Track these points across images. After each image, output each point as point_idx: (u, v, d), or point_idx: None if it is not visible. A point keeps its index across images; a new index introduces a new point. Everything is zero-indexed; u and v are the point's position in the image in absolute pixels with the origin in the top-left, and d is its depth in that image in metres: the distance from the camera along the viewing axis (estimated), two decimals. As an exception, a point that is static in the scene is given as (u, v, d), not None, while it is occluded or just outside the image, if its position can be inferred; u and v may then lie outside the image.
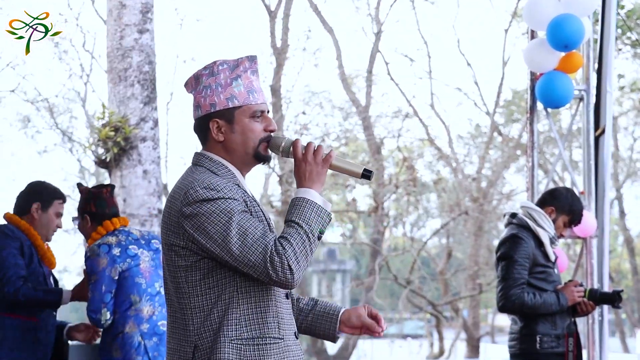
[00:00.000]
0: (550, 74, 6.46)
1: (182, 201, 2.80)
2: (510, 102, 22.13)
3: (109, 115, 6.99)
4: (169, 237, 2.85)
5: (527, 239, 5.16)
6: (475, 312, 21.29)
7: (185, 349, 2.82)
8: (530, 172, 6.79)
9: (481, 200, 18.67)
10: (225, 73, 2.91)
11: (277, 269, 2.70)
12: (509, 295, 5.08)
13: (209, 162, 2.90)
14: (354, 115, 19.60)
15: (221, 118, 2.89)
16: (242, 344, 2.77)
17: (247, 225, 2.75)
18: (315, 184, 2.83)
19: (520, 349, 5.19)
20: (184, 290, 2.83)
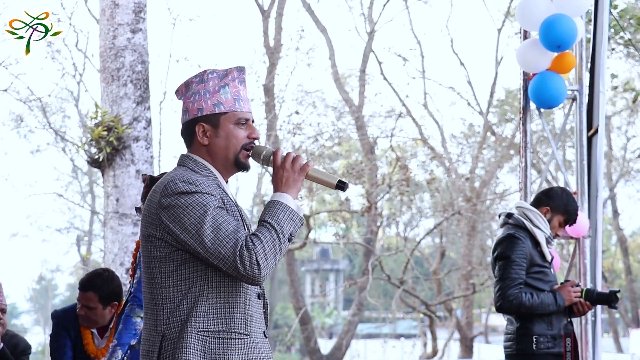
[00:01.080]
0: (543, 74, 6.46)
1: (162, 193, 2.92)
2: (504, 101, 22.16)
3: (101, 115, 6.98)
4: (147, 229, 2.96)
5: (524, 239, 5.15)
6: (469, 312, 21.29)
7: (154, 339, 2.93)
8: (523, 172, 6.79)
9: (474, 200, 18.68)
10: (214, 81, 3.05)
11: (245, 263, 2.81)
12: (506, 296, 5.07)
13: (193, 163, 3.03)
14: (347, 114, 19.61)
15: (207, 122, 3.02)
16: (208, 336, 2.88)
17: (221, 220, 2.86)
18: (290, 190, 2.96)
19: (516, 349, 5.18)
20: (156, 280, 2.95)
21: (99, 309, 5.01)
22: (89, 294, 5.00)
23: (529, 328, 5.15)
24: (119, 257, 6.87)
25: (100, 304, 5.00)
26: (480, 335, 26.11)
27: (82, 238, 26.80)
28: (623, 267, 30.36)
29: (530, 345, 5.14)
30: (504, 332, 5.38)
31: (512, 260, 5.09)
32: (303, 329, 19.20)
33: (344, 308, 37.21)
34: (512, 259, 5.09)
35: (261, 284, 2.91)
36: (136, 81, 7.06)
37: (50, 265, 28.06)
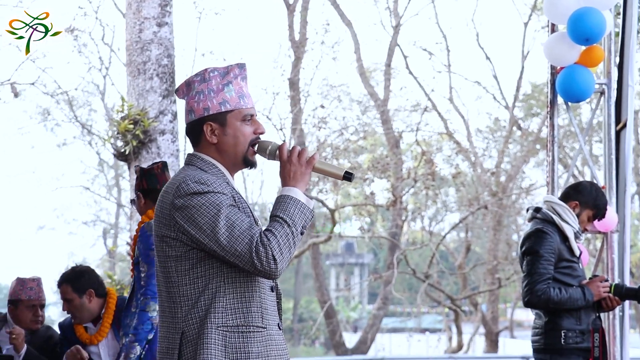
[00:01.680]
0: (571, 68, 6.41)
1: (174, 194, 2.96)
2: (530, 96, 22.04)
3: (127, 108, 7.00)
4: (160, 229, 3.00)
5: (552, 234, 5.12)
6: (494, 306, 21.22)
7: (173, 336, 2.97)
8: (550, 166, 6.74)
9: (500, 195, 18.60)
10: (217, 79, 3.08)
11: (262, 259, 2.86)
12: (535, 290, 5.04)
13: (201, 161, 3.07)
14: (372, 108, 19.56)
15: (214, 121, 3.06)
16: (228, 330, 2.93)
17: (235, 218, 2.91)
18: (299, 184, 3.00)
19: (544, 344, 5.14)
20: (173, 279, 2.98)
21: (76, 299, 5.21)
22: (62, 287, 5.25)
23: (558, 323, 5.12)
24: (144, 250, 6.88)
25: (75, 294, 5.21)
26: (505, 330, 26.01)
27: (108, 231, 26.94)
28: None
29: (558, 340, 5.11)
30: (531, 327, 5.35)
31: (541, 255, 5.05)
32: (328, 323, 19.20)
33: (368, 302, 37.20)
34: (540, 253, 5.06)
35: (277, 278, 2.95)
36: (162, 75, 7.07)
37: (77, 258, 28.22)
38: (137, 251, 4.82)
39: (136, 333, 4.65)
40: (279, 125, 16.44)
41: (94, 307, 5.26)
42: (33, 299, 5.46)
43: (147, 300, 4.67)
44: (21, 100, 19.54)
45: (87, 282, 5.26)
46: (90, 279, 5.29)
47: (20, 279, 5.54)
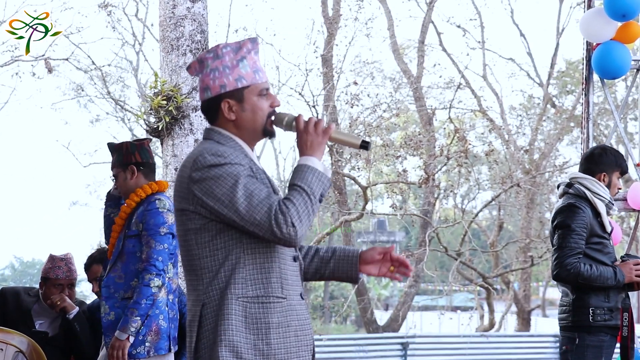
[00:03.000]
0: (607, 44, 6.34)
1: (192, 167, 2.99)
2: (564, 73, 21.86)
3: (161, 84, 7.01)
4: (180, 203, 3.04)
5: (585, 209, 5.07)
6: (526, 285, 21.15)
7: (195, 308, 3.01)
8: (584, 144, 6.69)
9: (533, 173, 18.49)
10: (230, 55, 3.09)
11: (281, 226, 2.89)
12: (564, 264, 5.00)
13: (218, 135, 3.10)
14: (405, 86, 19.48)
15: (232, 98, 3.08)
16: (248, 301, 2.96)
17: (253, 188, 2.93)
18: (315, 152, 3.03)
19: (572, 321, 5.10)
20: (193, 252, 3.02)
21: None
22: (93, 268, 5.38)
23: (586, 300, 5.07)
24: (177, 226, 6.92)
25: None
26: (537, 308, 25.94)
27: (141, 207, 27.07)
28: (685, 242, 29.87)
29: (587, 318, 5.07)
30: (558, 305, 5.31)
31: (572, 229, 5.01)
32: (359, 300, 19.23)
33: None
34: (572, 227, 5.01)
35: (298, 245, 2.97)
36: (195, 51, 7.07)
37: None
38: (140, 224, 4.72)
39: (137, 307, 4.60)
40: (311, 102, 16.41)
41: None
42: (60, 278, 5.51)
43: (151, 276, 4.62)
44: (55, 76, 19.70)
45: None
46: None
47: (52, 256, 5.59)
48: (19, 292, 5.62)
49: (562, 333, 5.20)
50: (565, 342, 5.13)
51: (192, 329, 3.01)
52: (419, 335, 16.05)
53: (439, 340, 16.30)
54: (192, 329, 3.01)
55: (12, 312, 5.48)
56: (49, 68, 14.41)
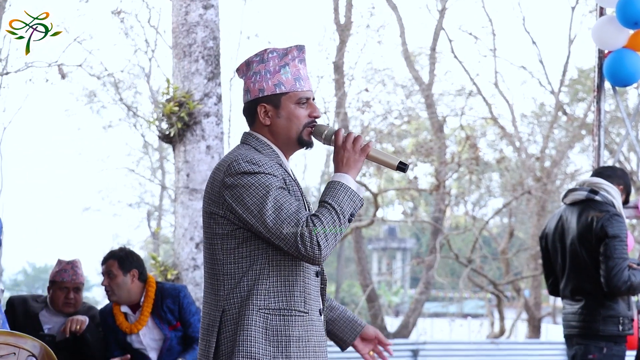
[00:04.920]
0: (619, 52, 6.35)
1: (225, 172, 2.98)
2: (576, 80, 21.81)
3: (173, 91, 7.04)
4: (209, 206, 3.03)
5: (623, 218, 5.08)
6: (537, 292, 21.08)
7: (214, 313, 3.00)
8: (596, 151, 6.69)
9: (544, 180, 18.46)
10: (275, 60, 3.08)
11: (306, 244, 2.85)
12: (622, 276, 4.94)
13: (256, 141, 3.09)
14: (417, 93, 19.47)
15: (268, 103, 3.07)
16: (269, 313, 2.95)
17: (283, 201, 2.91)
18: (351, 170, 2.99)
19: (601, 330, 5.02)
20: (218, 257, 3.02)
21: (120, 276, 5.32)
22: (109, 262, 5.36)
23: (616, 309, 5.05)
24: (189, 232, 6.94)
25: (120, 270, 5.32)
26: (548, 315, 25.85)
27: (153, 213, 27.15)
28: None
29: (616, 327, 5.05)
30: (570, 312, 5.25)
31: (622, 239, 4.98)
32: (370, 307, 19.22)
33: (410, 286, 37.14)
34: (621, 237, 4.98)
35: (321, 263, 2.96)
36: (207, 57, 7.10)
37: (121, 239, 28.49)
38: None
39: None
40: (322, 108, 16.42)
41: (134, 289, 5.34)
42: (66, 281, 5.55)
43: None
44: (68, 82, 19.72)
45: (134, 263, 5.37)
46: (136, 260, 5.41)
47: (60, 260, 5.65)
48: (26, 299, 5.67)
49: (581, 341, 5.12)
50: (592, 351, 5.07)
51: (210, 334, 3.00)
52: (430, 342, 16.03)
53: (449, 347, 16.28)
54: (211, 333, 3.00)
55: (20, 319, 5.52)
56: (62, 74, 14.46)
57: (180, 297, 5.36)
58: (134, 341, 5.38)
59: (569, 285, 5.22)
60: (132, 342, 5.39)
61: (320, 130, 3.08)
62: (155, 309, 5.33)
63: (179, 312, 5.36)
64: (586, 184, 5.26)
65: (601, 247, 5.01)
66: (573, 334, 5.17)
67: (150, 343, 5.37)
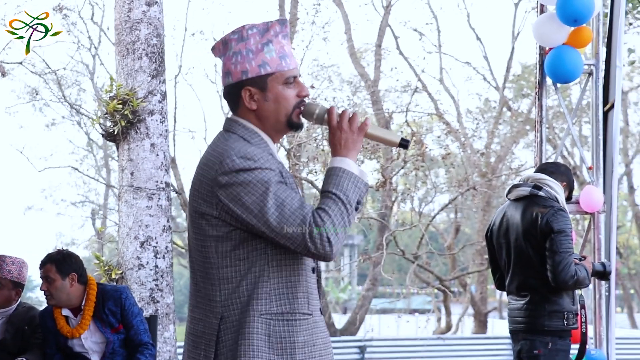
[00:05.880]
0: (560, 49, 6.42)
1: (218, 170, 2.73)
2: (520, 76, 22.06)
3: (116, 88, 6.97)
4: (200, 206, 2.78)
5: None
6: (483, 287, 21.30)
7: (210, 320, 2.78)
8: (538, 147, 6.76)
9: (489, 176, 18.63)
10: (255, 38, 2.82)
11: (316, 242, 2.64)
12: (569, 270, 4.97)
13: (242, 129, 2.83)
14: (363, 89, 19.55)
15: (253, 86, 2.81)
16: (272, 318, 2.73)
17: (285, 196, 2.68)
18: (350, 152, 2.78)
19: (546, 325, 5.06)
20: (212, 260, 2.78)
21: (58, 280, 5.22)
22: (46, 267, 5.25)
23: (560, 304, 5.10)
24: (133, 231, 6.88)
25: (58, 274, 5.22)
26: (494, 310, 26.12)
27: (97, 212, 26.91)
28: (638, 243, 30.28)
29: (561, 322, 5.09)
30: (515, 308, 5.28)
31: (567, 234, 5.01)
32: (317, 304, 19.22)
33: (358, 283, 37.29)
34: (567, 232, 5.01)
35: (333, 260, 2.73)
36: (151, 54, 7.04)
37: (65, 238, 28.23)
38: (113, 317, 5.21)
39: None
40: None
41: (74, 292, 5.26)
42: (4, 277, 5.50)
43: None
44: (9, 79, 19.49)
45: (72, 266, 5.27)
46: (75, 263, 5.31)
47: (1, 256, 5.58)
48: None
49: (527, 336, 5.15)
50: (538, 346, 5.10)
51: (207, 342, 2.78)
52: (377, 339, 16.13)
53: (396, 343, 16.39)
54: (209, 342, 2.78)
55: None
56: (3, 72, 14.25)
57: (122, 298, 5.29)
58: (75, 345, 5.31)
59: (515, 281, 5.25)
60: (74, 346, 5.31)
61: (311, 110, 2.83)
62: (97, 312, 5.26)
63: (121, 315, 5.29)
64: (530, 179, 5.30)
65: (547, 242, 5.03)
66: (519, 329, 5.20)
67: (93, 346, 5.31)
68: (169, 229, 6.97)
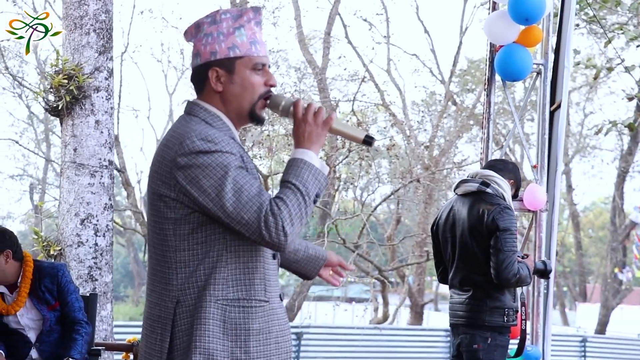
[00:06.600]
0: (510, 47, 6.46)
1: (177, 151, 2.69)
2: (466, 71, 22.20)
3: (62, 63, 6.85)
4: (159, 187, 2.75)
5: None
6: (421, 279, 21.45)
7: (166, 304, 2.75)
8: (485, 143, 6.81)
9: (433, 169, 18.74)
10: (228, 22, 2.82)
11: (270, 230, 2.62)
12: (512, 268, 5.01)
13: (204, 112, 2.81)
14: (310, 76, 19.51)
15: (221, 67, 2.80)
16: (228, 304, 2.71)
17: (243, 182, 2.65)
18: (313, 145, 2.77)
19: (487, 321, 5.10)
20: (170, 243, 2.75)
21: None
22: None
23: (502, 301, 5.15)
24: (74, 207, 6.79)
25: None
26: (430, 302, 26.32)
27: (36, 186, 26.54)
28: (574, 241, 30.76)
29: (501, 318, 5.14)
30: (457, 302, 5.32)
31: (512, 232, 5.04)
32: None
33: (296, 269, 37.31)
34: (512, 230, 5.04)
35: (286, 251, 2.71)
36: (99, 30, 6.93)
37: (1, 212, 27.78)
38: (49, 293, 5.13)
39: None
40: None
41: (10, 269, 5.18)
42: None
43: None
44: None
45: (6, 242, 5.19)
46: (9, 239, 5.22)
47: None
48: None
49: (467, 330, 5.20)
50: (478, 341, 5.15)
51: (163, 326, 2.75)
52: (314, 326, 16.14)
53: (333, 331, 16.42)
54: (164, 326, 2.75)
55: None
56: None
57: (58, 276, 5.23)
58: (11, 322, 5.24)
59: (458, 275, 5.29)
60: (9, 323, 5.24)
61: (277, 102, 2.82)
62: (33, 289, 5.19)
63: (57, 292, 5.23)
64: (478, 175, 5.32)
65: (492, 239, 5.07)
66: (459, 323, 5.24)
67: (29, 323, 5.24)
68: (111, 207, 6.90)
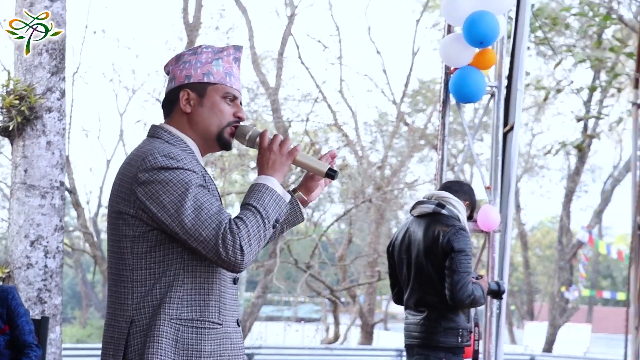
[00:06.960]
0: (465, 69, 6.53)
1: (139, 167, 2.69)
2: (417, 92, 22.37)
3: (14, 83, 6.78)
4: (118, 204, 2.74)
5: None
6: (372, 298, 21.48)
7: (120, 324, 2.73)
8: (439, 164, 6.85)
9: (384, 189, 18.82)
10: (208, 54, 2.87)
11: (228, 248, 2.61)
12: (466, 290, 5.02)
13: (168, 135, 2.83)
14: (262, 96, 19.52)
15: (193, 90, 2.83)
16: (181, 324, 2.69)
17: (204, 200, 2.65)
18: (276, 173, 2.77)
19: (441, 342, 5.13)
20: (127, 262, 2.74)
21: None
22: None
23: (456, 321, 5.17)
24: (24, 229, 6.70)
25: None
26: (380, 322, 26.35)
27: (-17, 207, 26.13)
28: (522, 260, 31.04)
29: (455, 339, 5.16)
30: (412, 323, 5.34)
31: (467, 253, 5.07)
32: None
33: (246, 290, 37.17)
34: (467, 252, 5.07)
35: (242, 271, 2.69)
36: (52, 51, 6.87)
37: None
38: None
39: None
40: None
41: None
42: None
43: None
44: None
45: None
46: None
47: None
48: None
49: (422, 351, 5.21)
50: None
51: (116, 347, 2.73)
52: (265, 347, 16.08)
53: (284, 352, 16.38)
54: (117, 347, 2.72)
55: None
56: None
57: (8, 299, 5.16)
58: None
59: (413, 296, 5.30)
60: None
61: (244, 131, 2.85)
62: None
63: (7, 315, 5.15)
64: (434, 197, 5.35)
65: (447, 261, 5.10)
66: (414, 344, 5.26)
67: None
68: (61, 228, 6.82)
